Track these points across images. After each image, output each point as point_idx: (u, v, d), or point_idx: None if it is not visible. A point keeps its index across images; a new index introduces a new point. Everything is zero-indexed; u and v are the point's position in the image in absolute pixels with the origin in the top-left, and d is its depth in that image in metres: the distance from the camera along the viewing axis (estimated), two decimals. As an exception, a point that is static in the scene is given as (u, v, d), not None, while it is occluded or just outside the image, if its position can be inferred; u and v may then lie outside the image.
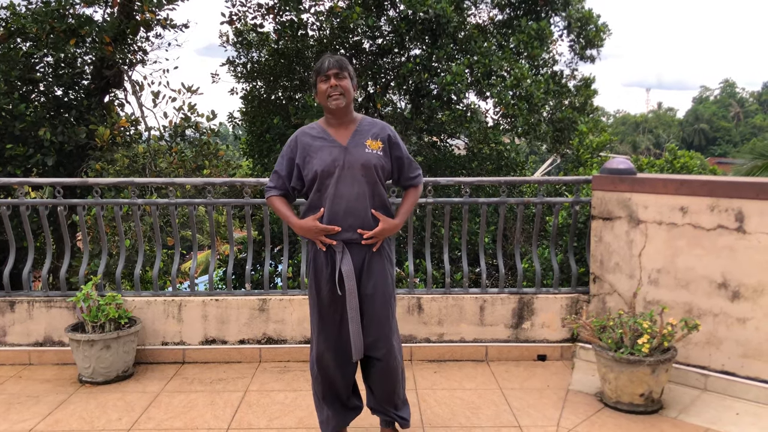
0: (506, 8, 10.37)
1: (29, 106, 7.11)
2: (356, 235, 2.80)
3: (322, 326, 2.90)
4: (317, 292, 2.88)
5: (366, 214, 2.80)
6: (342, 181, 2.77)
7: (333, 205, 2.78)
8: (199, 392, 3.90)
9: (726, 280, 3.66)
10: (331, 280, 2.83)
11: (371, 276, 2.85)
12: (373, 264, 2.86)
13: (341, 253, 2.80)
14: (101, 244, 4.61)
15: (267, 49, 10.57)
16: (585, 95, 10.14)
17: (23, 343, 4.38)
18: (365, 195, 2.80)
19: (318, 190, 2.81)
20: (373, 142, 2.84)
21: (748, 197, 3.55)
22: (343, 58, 2.81)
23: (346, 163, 2.78)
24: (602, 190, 4.11)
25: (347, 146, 2.81)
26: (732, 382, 3.66)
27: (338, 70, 2.76)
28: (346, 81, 2.79)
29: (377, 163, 2.82)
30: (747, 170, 11.70)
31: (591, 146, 9.02)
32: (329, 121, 2.88)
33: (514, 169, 10.07)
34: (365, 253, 2.84)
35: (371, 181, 2.81)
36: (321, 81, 2.80)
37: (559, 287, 4.51)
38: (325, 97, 2.78)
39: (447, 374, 4.16)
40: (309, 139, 2.86)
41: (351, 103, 2.86)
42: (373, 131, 2.88)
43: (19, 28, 7.06)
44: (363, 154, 2.80)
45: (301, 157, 2.84)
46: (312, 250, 2.90)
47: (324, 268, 2.85)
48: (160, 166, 7.19)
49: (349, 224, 2.79)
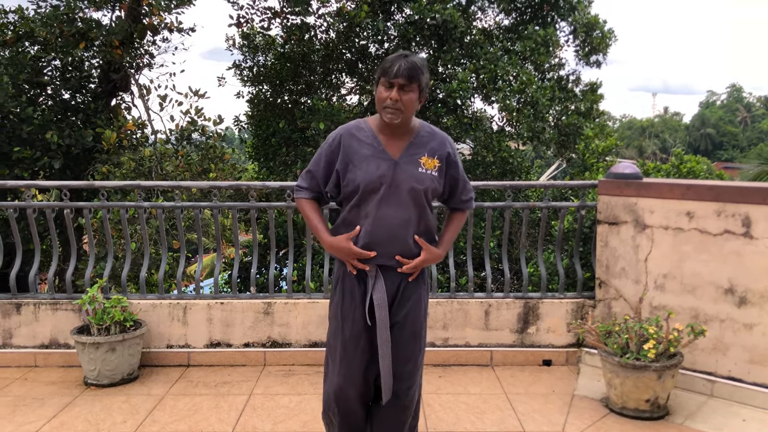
0: (512, 13, 10.38)
1: (37, 109, 7.15)
2: (393, 262, 2.49)
3: (345, 357, 2.56)
4: (342, 319, 2.55)
5: (407, 241, 2.48)
6: (386, 201, 2.43)
7: (373, 226, 2.45)
8: (203, 395, 3.90)
9: (733, 285, 3.64)
10: (360, 308, 2.52)
11: (404, 305, 2.54)
12: (409, 292, 2.55)
13: (374, 279, 2.49)
14: (107, 247, 4.62)
15: (273, 53, 10.60)
16: (591, 100, 10.12)
17: (29, 345, 4.40)
18: (411, 221, 2.47)
19: (357, 206, 2.47)
20: (428, 159, 2.48)
21: (755, 202, 3.53)
22: (417, 64, 2.36)
23: (394, 182, 2.42)
24: (608, 195, 4.10)
25: (398, 161, 2.45)
26: (739, 388, 3.64)
27: (406, 81, 2.34)
28: (412, 95, 2.38)
29: (429, 186, 2.47)
30: (754, 175, 11.67)
31: (597, 151, 9.01)
32: (382, 126, 2.49)
33: (519, 175, 10.05)
34: (401, 279, 2.54)
35: (419, 204, 2.47)
36: (383, 85, 2.38)
37: (565, 292, 4.50)
38: (382, 106, 2.39)
39: (452, 379, 4.15)
40: (355, 142, 2.48)
41: (410, 119, 2.48)
42: (431, 146, 2.51)
43: (28, 32, 7.11)
44: (415, 173, 2.44)
45: (343, 162, 2.47)
46: (340, 270, 2.59)
47: (353, 292, 2.54)
48: (167, 170, 7.22)
49: (388, 250, 2.47)
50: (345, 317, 2.54)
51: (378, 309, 2.47)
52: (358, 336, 2.52)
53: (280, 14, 9.88)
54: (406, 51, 2.49)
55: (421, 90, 2.39)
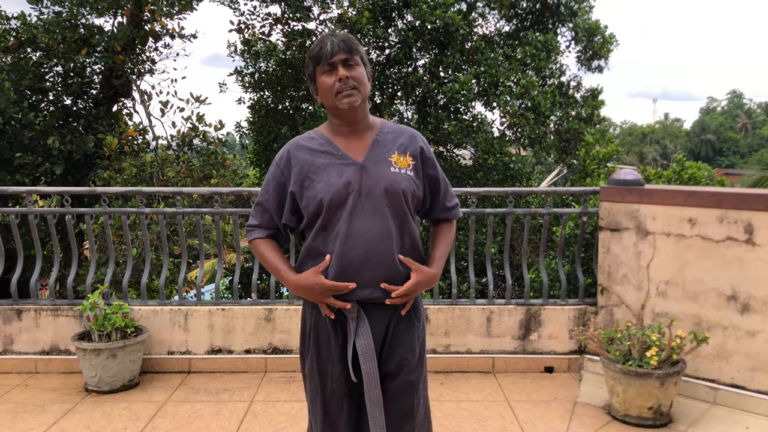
0: (513, 19, 10.40)
1: (38, 115, 7.16)
2: (378, 293, 1.98)
3: (327, 422, 2.06)
4: (320, 377, 2.05)
5: (392, 261, 1.98)
6: (358, 214, 1.95)
7: (345, 249, 1.95)
8: (204, 402, 3.89)
9: (735, 292, 3.63)
10: (341, 361, 2.02)
11: (396, 349, 2.04)
12: (400, 332, 2.05)
13: (356, 321, 2.00)
14: (108, 253, 4.62)
15: (275, 60, 10.63)
16: (592, 106, 10.14)
17: (30, 351, 4.39)
18: (391, 234, 1.98)
19: (323, 228, 1.99)
20: (400, 157, 2.04)
21: (758, 209, 3.53)
22: (349, 36, 1.99)
23: (363, 188, 1.96)
24: (610, 201, 4.10)
25: (364, 163, 2.00)
26: (742, 396, 3.62)
27: (347, 54, 1.94)
28: (360, 69, 1.98)
29: (407, 187, 2.01)
30: (755, 181, 11.68)
31: (598, 157, 9.02)
32: (336, 128, 2.05)
33: (521, 180, 10.07)
34: (389, 316, 2.04)
35: (399, 213, 2.00)
36: (323, 73, 1.97)
37: (567, 298, 4.49)
38: (332, 95, 1.96)
39: (454, 386, 4.14)
40: (308, 153, 2.02)
41: (366, 101, 2.03)
42: (401, 141, 2.08)
43: (30, 38, 7.13)
44: (387, 174, 1.99)
45: (298, 180, 2.00)
46: (312, 315, 2.07)
47: (330, 341, 2.03)
48: (168, 176, 7.22)
49: (369, 277, 1.96)
50: (323, 375, 2.04)
51: (364, 360, 1.97)
52: (342, 396, 2.04)
53: (282, 20, 9.91)
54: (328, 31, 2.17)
55: (365, 63, 2.02)
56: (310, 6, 9.41)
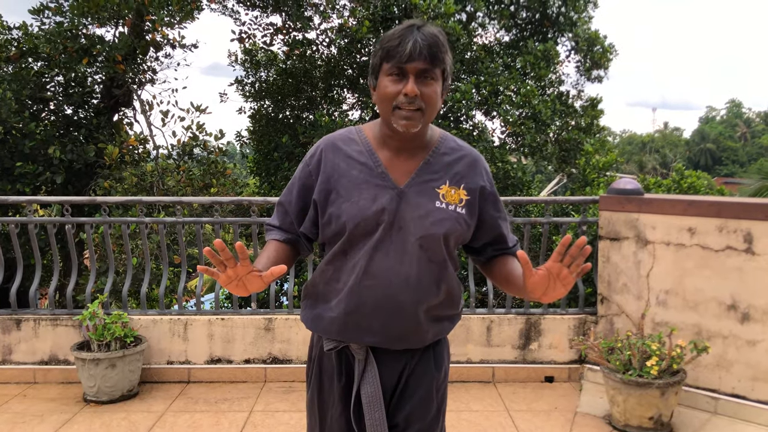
0: (513, 29, 10.45)
1: (39, 124, 7.18)
2: (393, 343, 1.67)
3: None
4: (320, 414, 1.80)
5: (413, 315, 1.65)
6: (384, 249, 1.62)
7: (361, 287, 1.63)
8: (203, 412, 3.88)
9: (735, 301, 3.63)
10: (342, 404, 1.73)
11: (408, 400, 1.72)
12: (416, 380, 1.73)
13: (363, 364, 1.69)
14: (108, 262, 4.62)
15: (275, 69, 10.67)
16: (591, 115, 10.16)
17: (28, 361, 4.38)
18: (420, 282, 1.64)
19: (342, 253, 1.66)
20: (451, 189, 1.65)
21: (757, 218, 3.53)
22: (439, 39, 1.55)
23: (397, 221, 1.61)
24: (609, 211, 4.10)
25: (405, 190, 1.63)
26: (743, 406, 3.61)
27: (428, 64, 1.53)
28: (435, 86, 1.57)
29: (451, 229, 1.63)
30: (755, 190, 11.68)
31: (597, 166, 9.02)
32: (385, 137, 1.66)
33: (521, 189, 10.07)
34: (404, 364, 1.72)
35: (435, 258, 1.65)
36: (390, 74, 1.56)
37: (567, 308, 4.48)
38: (390, 107, 1.56)
39: (454, 396, 4.13)
40: (342, 160, 1.66)
41: (430, 123, 1.66)
42: (456, 170, 1.68)
43: (32, 48, 7.16)
44: (430, 210, 1.63)
45: (324, 189, 1.66)
46: (317, 346, 1.79)
47: (333, 378, 1.75)
48: (168, 185, 7.24)
49: (380, 325, 1.64)
50: (323, 410, 1.79)
51: (368, 410, 1.68)
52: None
53: (282, 30, 9.96)
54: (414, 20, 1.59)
55: (445, 77, 1.60)
56: (311, 16, 9.45)
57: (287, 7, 9.44)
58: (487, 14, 10.28)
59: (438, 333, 1.75)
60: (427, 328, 1.69)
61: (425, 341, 1.72)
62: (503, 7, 10.12)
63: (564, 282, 1.49)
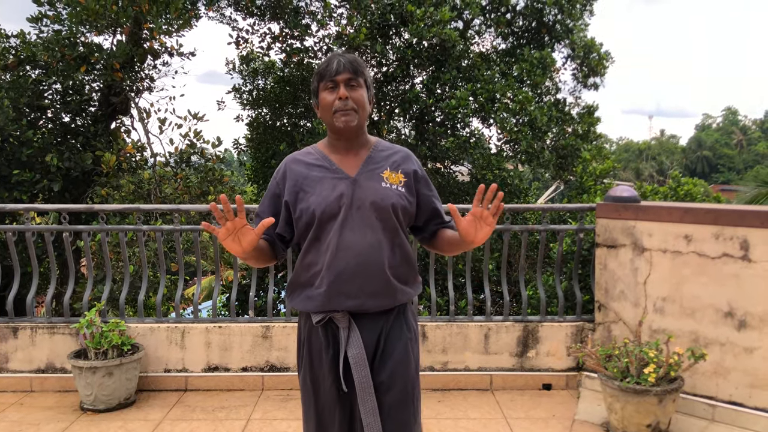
0: (509, 37, 10.50)
1: (37, 132, 7.18)
2: (368, 303, 2.00)
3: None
4: (313, 387, 2.08)
5: (382, 273, 2.00)
6: (349, 225, 1.99)
7: (336, 260, 1.98)
8: (201, 420, 3.86)
9: (732, 308, 3.63)
10: (333, 370, 2.02)
11: (387, 359, 2.04)
12: (392, 341, 2.05)
13: (347, 330, 2.00)
14: (105, 270, 4.61)
15: (273, 77, 10.70)
16: (588, 122, 10.20)
17: (25, 369, 4.36)
18: (381, 246, 2.01)
19: (315, 239, 2.02)
20: (392, 173, 2.08)
21: (754, 226, 3.54)
22: (357, 58, 2.04)
23: (355, 201, 2.01)
24: (606, 218, 4.11)
25: (357, 178, 2.05)
26: (740, 413, 3.61)
27: (351, 74, 2.00)
28: (361, 91, 2.03)
29: (397, 202, 2.04)
30: (751, 198, 11.70)
31: (594, 173, 9.05)
32: (333, 144, 2.11)
33: (518, 196, 10.09)
34: (381, 327, 2.04)
35: (389, 226, 2.03)
36: (325, 89, 2.03)
37: (564, 315, 4.49)
38: (331, 112, 2.01)
39: (451, 403, 4.12)
40: (303, 167, 2.08)
41: (365, 122, 2.09)
42: (393, 159, 2.13)
43: (29, 56, 7.17)
44: (378, 188, 2.04)
45: (292, 191, 2.05)
46: (305, 327, 2.10)
47: (323, 351, 2.04)
48: (165, 192, 7.23)
49: (358, 288, 1.98)
50: (316, 386, 2.07)
51: (356, 369, 1.97)
52: (333, 406, 2.04)
53: (280, 37, 9.99)
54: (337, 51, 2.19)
55: (368, 86, 2.07)
56: (308, 23, 9.49)
57: (285, 14, 9.47)
58: (484, 22, 10.33)
59: (403, 295, 2.07)
60: (394, 286, 2.03)
61: (396, 300, 2.05)
62: (499, 15, 10.17)
63: (487, 222, 1.91)
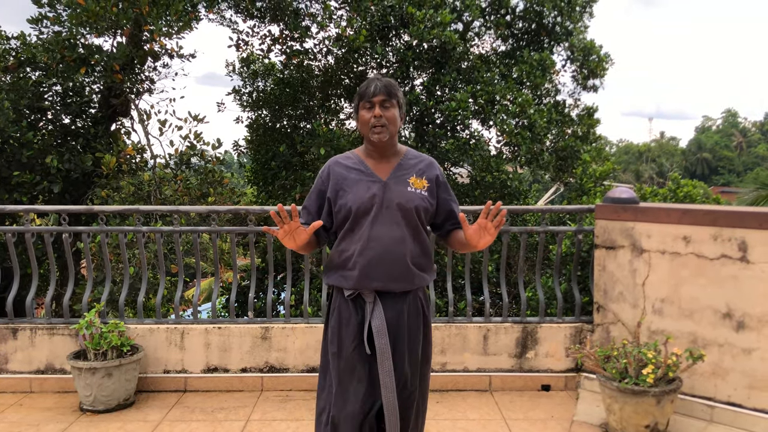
0: (509, 39, 10.51)
1: (37, 134, 7.19)
2: (390, 286, 2.42)
3: (341, 392, 2.45)
4: (338, 350, 2.46)
5: (404, 261, 2.42)
6: (379, 221, 2.41)
7: (366, 249, 2.40)
8: (200, 421, 3.87)
9: (730, 309, 3.64)
10: (359, 336, 2.43)
11: (404, 336, 2.45)
12: (409, 321, 2.47)
13: (372, 305, 2.42)
14: (105, 272, 4.62)
15: (273, 79, 10.70)
16: (588, 124, 10.20)
17: (25, 370, 4.37)
18: (405, 240, 2.43)
19: (350, 230, 2.45)
20: (417, 179, 2.50)
21: (752, 227, 3.55)
22: (392, 82, 2.45)
23: (385, 201, 2.42)
24: (605, 219, 4.12)
25: (387, 182, 2.46)
26: (739, 414, 3.62)
27: (385, 96, 2.41)
28: (393, 111, 2.45)
29: (420, 204, 2.46)
30: (751, 200, 11.71)
31: (594, 175, 9.05)
32: (369, 152, 2.53)
33: (517, 198, 10.09)
34: (400, 306, 2.46)
35: (412, 223, 2.45)
36: (364, 108, 2.46)
37: (563, 316, 4.49)
38: (368, 128, 2.44)
39: (450, 404, 4.13)
40: (343, 169, 2.51)
41: (395, 135, 2.51)
42: (419, 167, 2.54)
43: (29, 58, 7.18)
44: (404, 192, 2.45)
45: (334, 189, 2.49)
46: (337, 298, 2.53)
47: (350, 321, 2.46)
48: (165, 194, 7.24)
49: (383, 272, 2.40)
50: (341, 347, 2.45)
51: (378, 336, 2.38)
52: (354, 366, 2.42)
53: (280, 39, 10.00)
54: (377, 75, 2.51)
55: (400, 106, 2.47)
56: (308, 25, 9.50)
57: (285, 16, 9.49)
58: (484, 24, 10.33)
59: (420, 280, 2.50)
60: (413, 272, 2.46)
61: (413, 284, 2.47)
62: (499, 17, 10.18)
63: (489, 232, 2.33)
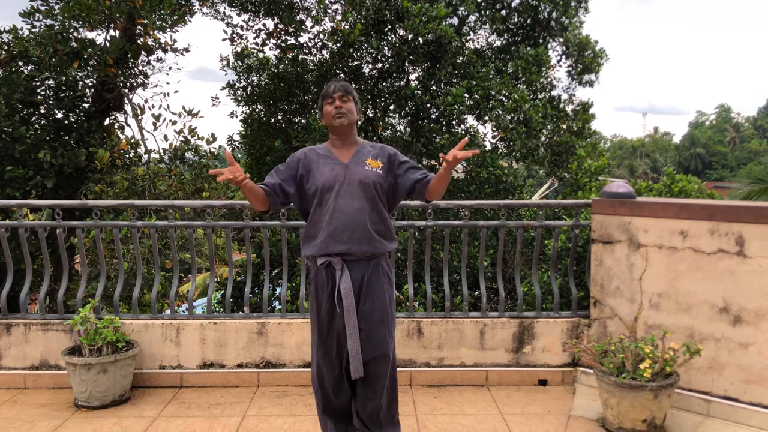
0: (504, 34, 10.49)
1: (30, 128, 7.13)
2: (354, 249, 2.88)
3: (321, 343, 2.98)
4: (317, 310, 2.97)
5: (365, 229, 2.89)
6: (342, 195, 2.90)
7: (332, 219, 2.88)
8: (196, 417, 3.85)
9: (727, 304, 3.64)
10: (330, 298, 2.92)
11: (370, 294, 2.93)
12: (372, 282, 2.94)
13: (341, 271, 2.89)
14: (99, 267, 4.59)
15: (267, 73, 10.65)
16: (583, 119, 10.20)
17: (19, 366, 4.34)
18: (364, 209, 2.90)
19: (319, 204, 2.93)
20: (373, 161, 2.99)
21: (748, 221, 3.55)
22: (347, 84, 3.03)
23: (346, 179, 2.92)
24: (602, 214, 4.12)
25: (348, 164, 2.97)
26: (735, 408, 3.63)
27: (343, 93, 2.98)
28: (350, 103, 3.01)
29: (376, 180, 2.95)
30: (745, 194, 11.74)
31: (589, 170, 9.06)
32: (334, 142, 3.07)
33: (513, 193, 10.09)
34: (364, 270, 2.93)
35: (370, 196, 2.93)
36: (327, 104, 3.00)
37: (560, 311, 4.49)
38: (331, 118, 2.98)
39: (447, 399, 4.12)
40: (314, 155, 3.05)
41: (354, 125, 3.05)
42: (374, 152, 3.06)
43: (22, 52, 7.12)
44: (362, 170, 2.94)
45: (305, 169, 3.01)
46: (314, 268, 2.98)
47: (324, 286, 2.94)
48: (160, 189, 7.20)
49: (347, 238, 2.87)
50: (319, 307, 2.95)
51: (344, 297, 2.87)
52: (329, 323, 2.93)
53: (275, 33, 9.95)
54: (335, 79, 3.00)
55: (355, 101, 3.05)
56: (303, 19, 9.45)
57: (279, 10, 9.43)
58: (479, 18, 10.32)
59: (381, 245, 2.94)
60: (374, 237, 2.91)
61: (375, 248, 2.91)
62: (495, 12, 10.16)
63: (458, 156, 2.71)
